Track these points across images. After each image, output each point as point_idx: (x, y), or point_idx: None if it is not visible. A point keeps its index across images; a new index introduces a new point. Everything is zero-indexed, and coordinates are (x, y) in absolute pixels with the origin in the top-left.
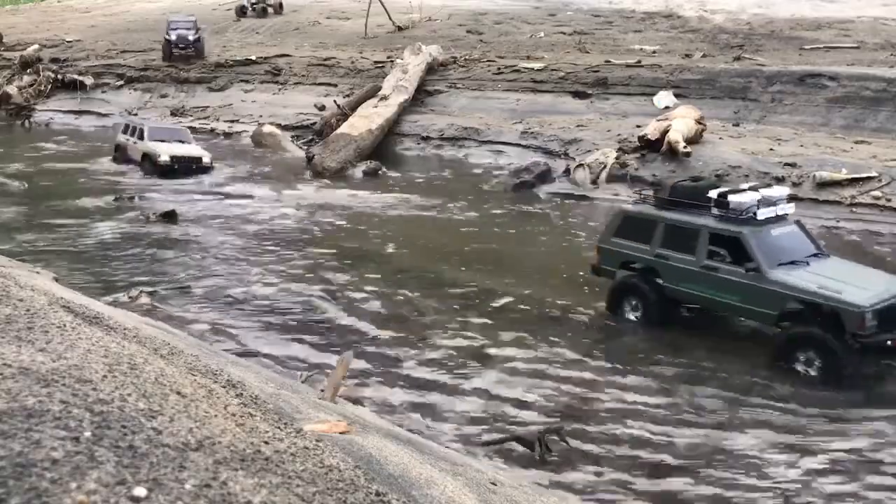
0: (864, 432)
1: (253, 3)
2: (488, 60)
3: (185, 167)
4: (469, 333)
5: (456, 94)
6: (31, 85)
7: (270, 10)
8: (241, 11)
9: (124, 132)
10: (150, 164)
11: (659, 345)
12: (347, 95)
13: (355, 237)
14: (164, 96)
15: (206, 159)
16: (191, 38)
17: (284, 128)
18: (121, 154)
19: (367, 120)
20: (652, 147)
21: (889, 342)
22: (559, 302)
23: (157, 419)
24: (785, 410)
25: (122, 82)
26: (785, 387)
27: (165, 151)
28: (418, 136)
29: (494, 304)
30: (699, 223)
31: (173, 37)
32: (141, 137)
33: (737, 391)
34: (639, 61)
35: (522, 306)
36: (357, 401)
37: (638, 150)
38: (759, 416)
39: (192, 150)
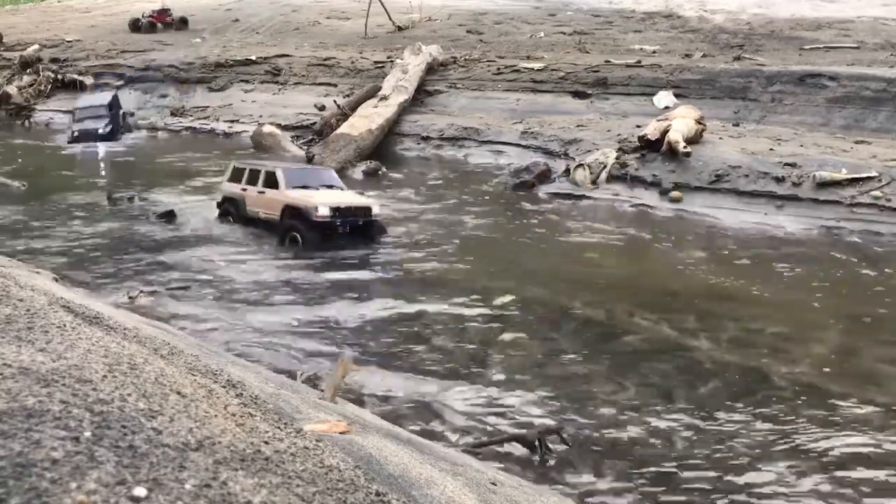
0: (864, 429)
1: (143, 20)
2: (488, 60)
3: (351, 223)
4: (469, 333)
5: (456, 94)
6: (31, 85)
7: (173, 25)
8: (135, 26)
9: (235, 180)
10: (300, 223)
11: (658, 344)
12: (347, 95)
13: (354, 237)
14: (164, 96)
15: (376, 209)
16: (100, 130)
17: (284, 128)
18: (235, 209)
19: (367, 120)
20: (652, 147)
21: None
22: (559, 302)
23: (157, 419)
24: (786, 408)
25: (122, 82)
26: (785, 383)
27: (322, 202)
28: (418, 136)
29: (494, 304)
30: None
31: (75, 132)
32: (272, 184)
33: (738, 389)
34: (639, 61)
35: (522, 306)
36: (356, 396)
37: (638, 150)
38: (760, 414)
39: (354, 196)
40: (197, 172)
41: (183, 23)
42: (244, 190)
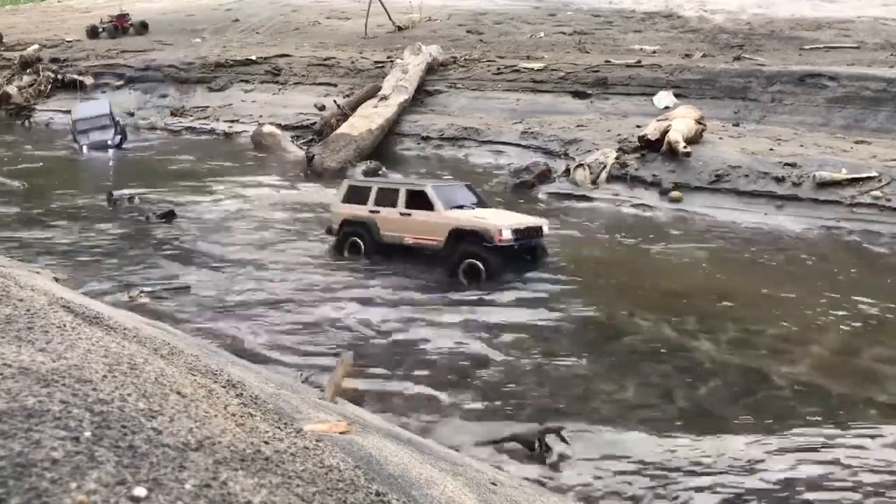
0: (864, 429)
1: (104, 24)
2: (488, 60)
3: (525, 244)
4: (469, 333)
5: (456, 94)
6: (31, 85)
7: (131, 30)
8: (93, 32)
9: (356, 201)
10: (481, 248)
11: (658, 344)
12: (347, 95)
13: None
14: (163, 96)
15: (546, 228)
16: (111, 141)
17: (284, 128)
18: (366, 234)
19: (367, 120)
20: (652, 147)
21: None
22: (559, 302)
23: (157, 419)
24: (786, 408)
25: (122, 82)
26: (785, 383)
27: (504, 224)
28: (418, 136)
29: (494, 305)
30: None
31: (84, 146)
32: (422, 205)
33: (738, 389)
34: (639, 61)
35: (522, 306)
36: (357, 396)
37: (638, 150)
38: (760, 414)
39: (524, 216)
40: (197, 173)
41: (143, 27)
42: (374, 212)
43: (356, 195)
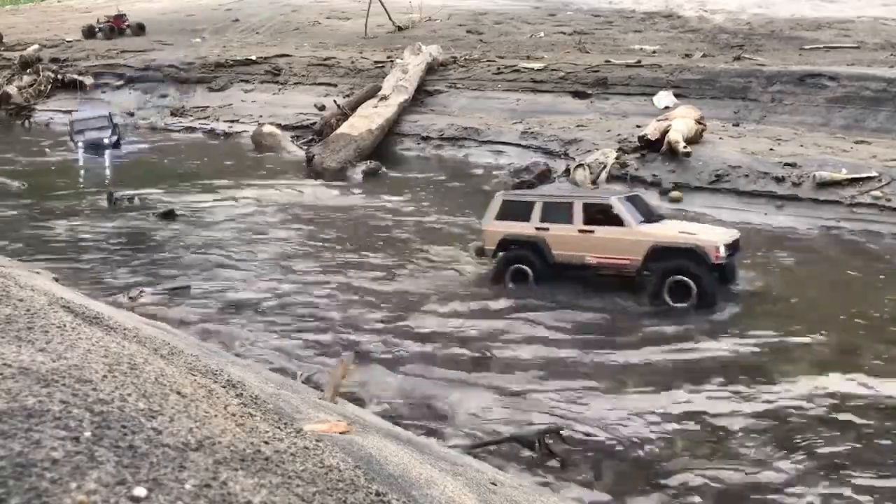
0: (863, 429)
1: (101, 25)
2: (488, 60)
3: (731, 266)
4: (469, 333)
5: (456, 94)
6: (31, 85)
7: (128, 31)
8: (90, 32)
9: (514, 217)
10: (695, 267)
11: (658, 344)
12: (347, 95)
13: (354, 238)
14: (163, 96)
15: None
16: (106, 140)
17: (284, 128)
18: (536, 256)
19: (367, 120)
20: (652, 147)
21: None
22: (561, 303)
23: (157, 419)
24: (786, 408)
25: (122, 82)
26: (785, 382)
27: (719, 239)
28: (418, 136)
29: (495, 305)
30: None
31: (80, 143)
32: (606, 220)
33: (739, 388)
34: (639, 61)
35: (523, 306)
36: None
37: (638, 150)
38: (760, 414)
39: (717, 228)
40: (197, 173)
41: (140, 29)
42: (542, 230)
43: (514, 211)
